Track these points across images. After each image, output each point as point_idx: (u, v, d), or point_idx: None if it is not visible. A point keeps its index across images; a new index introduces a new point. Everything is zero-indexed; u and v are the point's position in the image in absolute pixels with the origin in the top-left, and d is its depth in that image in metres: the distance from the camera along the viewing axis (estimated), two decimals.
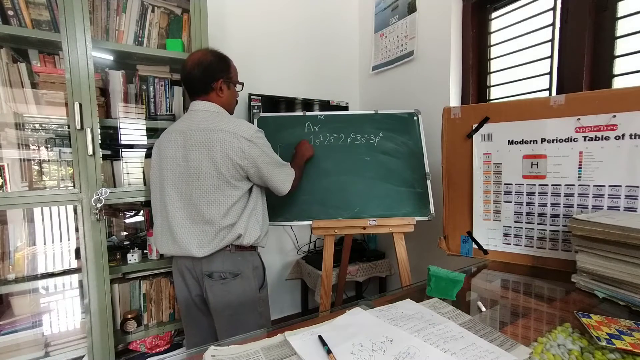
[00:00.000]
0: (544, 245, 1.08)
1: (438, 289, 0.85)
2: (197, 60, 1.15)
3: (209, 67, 1.15)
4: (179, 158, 1.12)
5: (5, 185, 1.29)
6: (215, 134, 1.08)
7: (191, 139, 1.10)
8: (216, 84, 1.16)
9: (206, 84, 1.15)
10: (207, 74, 1.15)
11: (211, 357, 0.58)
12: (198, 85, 1.16)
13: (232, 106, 1.26)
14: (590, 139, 0.99)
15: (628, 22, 1.20)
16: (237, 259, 1.14)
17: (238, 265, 1.14)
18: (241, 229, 1.11)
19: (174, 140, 1.14)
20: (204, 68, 1.14)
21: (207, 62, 1.15)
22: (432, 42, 1.84)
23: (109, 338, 1.37)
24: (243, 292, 1.14)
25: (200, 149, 1.09)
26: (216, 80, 1.16)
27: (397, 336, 0.62)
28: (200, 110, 1.15)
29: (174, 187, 1.13)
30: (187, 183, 1.11)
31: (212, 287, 1.13)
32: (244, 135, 1.08)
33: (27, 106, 1.32)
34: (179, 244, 1.12)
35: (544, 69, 1.44)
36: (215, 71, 1.16)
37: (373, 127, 1.54)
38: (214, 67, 1.16)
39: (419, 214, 1.41)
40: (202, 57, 1.16)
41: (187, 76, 1.16)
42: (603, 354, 0.58)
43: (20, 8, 1.25)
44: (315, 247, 2.31)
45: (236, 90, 1.26)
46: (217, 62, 1.17)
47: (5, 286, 1.25)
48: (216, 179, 1.09)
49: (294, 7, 2.19)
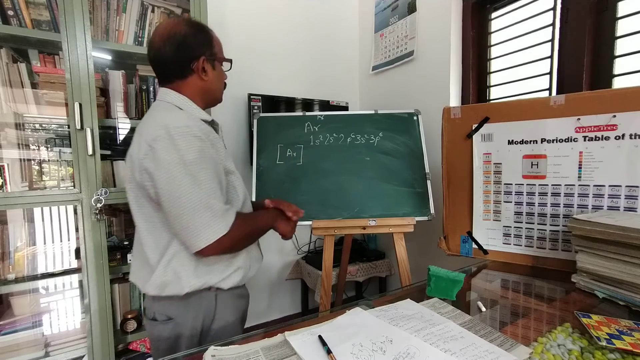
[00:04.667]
0: (544, 245, 1.08)
1: (438, 289, 0.85)
2: (168, 33, 0.82)
3: (184, 42, 0.82)
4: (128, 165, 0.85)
5: (5, 185, 1.29)
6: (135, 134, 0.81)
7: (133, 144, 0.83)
8: (197, 64, 0.84)
9: (183, 65, 0.83)
10: (182, 51, 0.82)
11: (211, 357, 0.58)
12: (171, 68, 0.84)
13: (218, 93, 0.94)
14: (590, 139, 0.99)
15: (628, 22, 1.20)
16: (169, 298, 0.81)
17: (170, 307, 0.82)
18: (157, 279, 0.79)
19: None
20: (178, 43, 0.81)
21: (181, 35, 0.82)
22: (432, 42, 1.84)
23: (109, 338, 1.37)
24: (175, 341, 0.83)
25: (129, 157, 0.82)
26: (196, 59, 0.84)
27: (397, 336, 0.62)
28: (157, 102, 0.86)
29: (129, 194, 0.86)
30: None
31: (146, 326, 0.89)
32: (145, 137, 0.75)
33: (27, 106, 1.32)
34: None
35: (544, 69, 1.44)
36: (194, 46, 0.83)
37: (373, 127, 1.54)
38: (191, 40, 0.83)
39: (419, 214, 1.41)
40: (174, 28, 0.82)
41: (155, 56, 0.83)
42: (603, 354, 0.58)
43: (20, 8, 1.25)
44: (315, 247, 2.31)
45: (223, 69, 0.93)
46: (196, 34, 0.84)
47: (5, 286, 1.26)
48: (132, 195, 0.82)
49: (294, 7, 2.19)
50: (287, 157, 1.49)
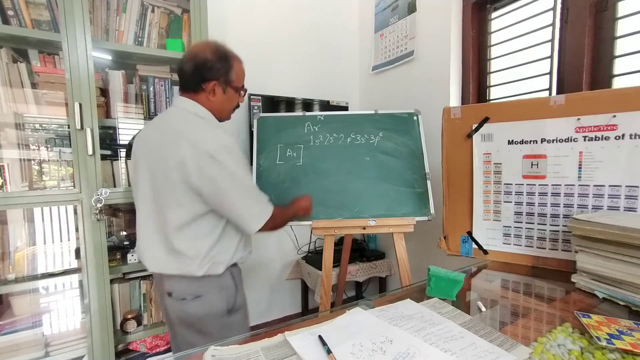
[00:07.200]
0: (544, 245, 1.08)
1: (438, 289, 0.85)
2: (193, 53, 0.99)
3: (202, 65, 0.97)
4: (147, 158, 0.99)
5: (5, 185, 1.29)
6: (174, 139, 0.92)
7: (156, 140, 0.97)
8: (207, 85, 0.99)
9: (195, 83, 0.99)
10: (198, 72, 0.98)
11: (211, 357, 0.58)
12: (187, 81, 1.00)
13: (225, 113, 1.08)
14: (590, 139, 0.99)
15: (628, 22, 1.20)
16: (198, 279, 0.98)
17: (199, 287, 0.99)
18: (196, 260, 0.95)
19: (145, 137, 1.02)
20: (197, 64, 0.97)
21: (202, 59, 0.97)
22: (432, 42, 1.84)
23: (109, 338, 1.37)
24: (205, 314, 0.99)
25: (159, 153, 0.94)
26: (208, 81, 0.98)
27: (397, 336, 0.62)
28: (180, 109, 1.00)
29: (142, 190, 1.01)
30: (152, 187, 0.98)
31: (172, 308, 1.01)
32: (205, 148, 0.89)
33: (27, 106, 1.32)
34: (140, 254, 1.04)
35: (544, 69, 1.43)
36: (210, 70, 0.98)
37: (373, 127, 1.54)
38: (210, 65, 0.98)
39: (419, 213, 1.41)
40: (200, 51, 0.98)
41: (179, 68, 1.01)
42: (603, 354, 0.58)
43: (20, 8, 1.25)
44: (315, 247, 2.31)
45: (237, 95, 1.08)
46: (216, 61, 0.98)
47: (5, 286, 1.26)
48: (169, 193, 0.94)
49: (294, 7, 2.18)
50: (287, 157, 1.49)
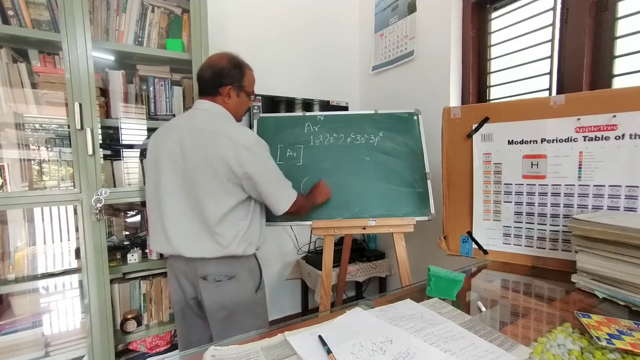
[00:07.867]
0: (544, 245, 1.08)
1: (438, 289, 0.85)
2: (211, 62, 1.15)
3: (219, 72, 1.13)
4: (176, 154, 1.09)
5: (5, 185, 1.29)
6: (213, 136, 1.05)
7: (189, 138, 1.08)
8: (223, 89, 1.14)
9: (213, 87, 1.14)
10: (216, 78, 1.13)
11: (211, 357, 0.58)
12: (206, 87, 1.15)
13: (239, 114, 1.23)
14: (590, 139, 0.99)
15: (628, 22, 1.20)
16: (231, 261, 1.12)
17: (233, 268, 1.13)
18: (235, 240, 1.09)
19: (171, 136, 1.11)
20: (214, 72, 1.13)
21: (219, 67, 1.13)
22: (432, 42, 1.84)
23: (109, 338, 1.37)
24: (238, 294, 1.13)
25: (198, 149, 1.06)
26: (224, 86, 1.14)
27: (397, 336, 0.62)
28: (203, 110, 1.14)
29: (170, 183, 1.10)
30: (184, 180, 1.08)
31: (207, 290, 1.12)
32: (242, 142, 1.05)
33: (27, 106, 1.32)
34: (170, 242, 1.10)
35: (544, 69, 1.43)
36: (226, 77, 1.14)
37: (373, 127, 1.54)
38: (225, 72, 1.14)
39: (419, 214, 1.41)
40: (217, 60, 1.15)
41: (198, 76, 1.17)
42: (603, 354, 0.58)
43: (20, 8, 1.25)
44: (315, 247, 2.31)
45: (248, 99, 1.23)
46: (230, 69, 1.15)
47: (5, 286, 1.26)
48: (211, 183, 1.06)
49: (294, 7, 2.19)
50: (287, 157, 1.49)
